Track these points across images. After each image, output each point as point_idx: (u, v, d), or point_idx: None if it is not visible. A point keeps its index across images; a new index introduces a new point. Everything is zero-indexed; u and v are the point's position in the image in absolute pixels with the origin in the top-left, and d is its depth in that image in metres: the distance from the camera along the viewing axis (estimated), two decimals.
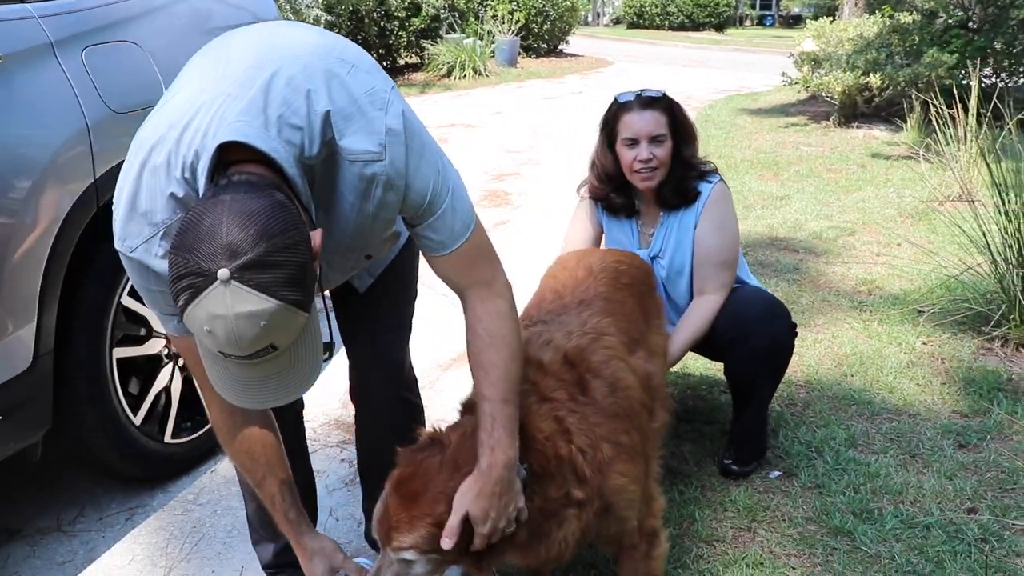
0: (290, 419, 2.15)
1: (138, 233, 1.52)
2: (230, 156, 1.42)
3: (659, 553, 2.08)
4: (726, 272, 2.80)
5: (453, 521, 1.64)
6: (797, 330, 2.87)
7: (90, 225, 2.52)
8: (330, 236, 1.62)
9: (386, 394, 2.14)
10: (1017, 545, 2.49)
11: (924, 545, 2.49)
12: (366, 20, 15.69)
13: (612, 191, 2.84)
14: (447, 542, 1.64)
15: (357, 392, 2.24)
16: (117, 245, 1.57)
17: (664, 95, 2.78)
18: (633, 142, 2.71)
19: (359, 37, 15.91)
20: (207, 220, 1.30)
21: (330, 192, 1.58)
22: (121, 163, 2.52)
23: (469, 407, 1.89)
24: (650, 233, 2.87)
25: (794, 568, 2.42)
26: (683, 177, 2.78)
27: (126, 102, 2.63)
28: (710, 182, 2.80)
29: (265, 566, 2.26)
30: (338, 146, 1.51)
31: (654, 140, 2.70)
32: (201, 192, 1.43)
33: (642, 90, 2.79)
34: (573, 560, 2.27)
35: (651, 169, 2.71)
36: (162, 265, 1.49)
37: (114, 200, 1.56)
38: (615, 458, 1.88)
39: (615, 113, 2.78)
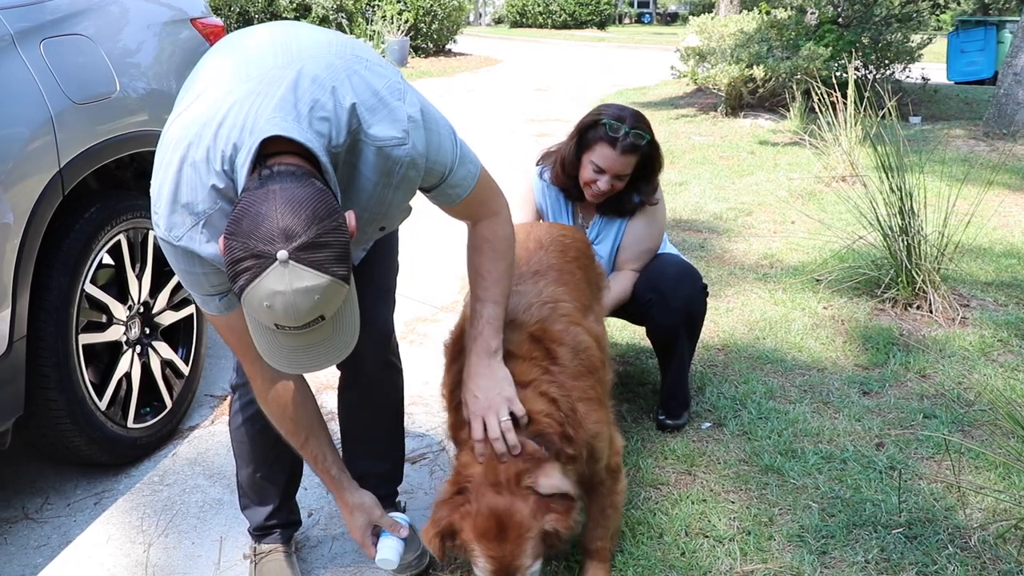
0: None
1: (182, 223, 1.66)
2: (268, 148, 1.58)
3: (621, 488, 2.33)
4: (646, 256, 3.10)
5: (476, 434, 1.95)
6: (709, 293, 3.18)
7: (55, 213, 2.57)
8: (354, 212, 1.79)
9: (375, 357, 2.30)
10: (919, 470, 2.84)
11: (843, 475, 2.80)
12: (255, 21, 15.50)
13: (573, 185, 3.03)
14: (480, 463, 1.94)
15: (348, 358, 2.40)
16: (162, 235, 1.70)
17: (648, 141, 2.88)
18: (600, 170, 2.88)
19: None
20: (261, 208, 1.46)
21: (351, 175, 1.75)
22: (83, 152, 2.63)
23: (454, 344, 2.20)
24: (587, 225, 3.11)
25: (733, 502, 2.69)
26: (625, 202, 3.01)
27: (85, 93, 2.70)
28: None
29: (255, 528, 2.38)
30: (366, 134, 1.69)
31: (618, 177, 2.90)
32: (241, 183, 1.58)
33: (631, 128, 2.83)
34: None
35: (603, 195, 2.94)
36: (208, 250, 1.65)
37: (153, 194, 1.69)
38: (588, 411, 2.13)
39: (599, 136, 2.85)
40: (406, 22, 17.85)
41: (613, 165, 2.86)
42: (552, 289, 2.36)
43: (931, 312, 4.07)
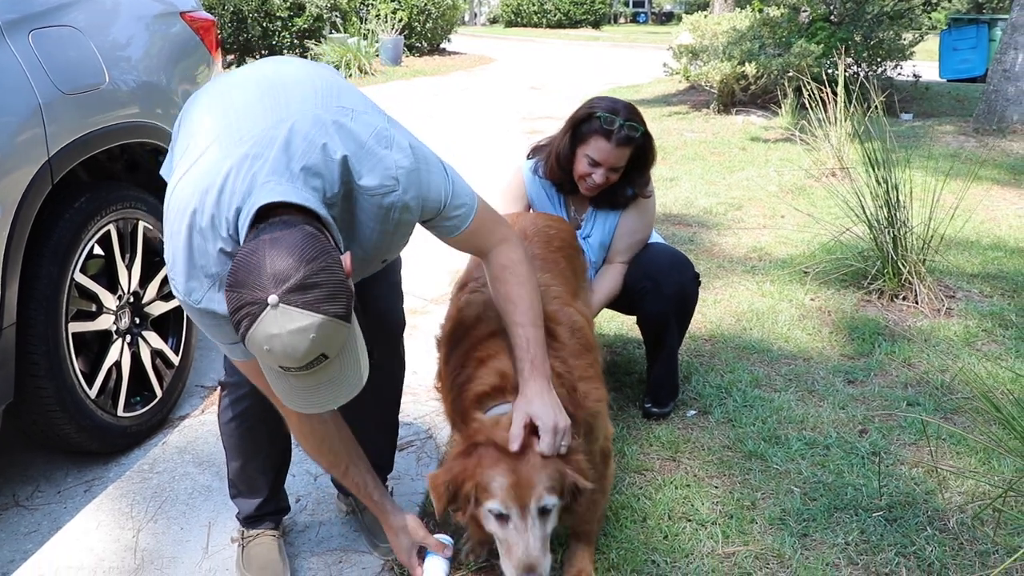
0: None
1: (199, 287, 1.75)
2: (267, 209, 1.65)
3: (610, 472, 2.39)
4: (635, 249, 3.14)
5: (515, 429, 1.94)
6: (700, 281, 3.22)
7: (44, 203, 2.59)
8: (354, 256, 1.83)
9: (389, 346, 2.39)
10: (901, 456, 2.87)
11: (825, 461, 2.84)
12: (249, 20, 15.53)
13: (567, 179, 3.05)
14: (514, 444, 1.91)
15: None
16: (183, 299, 1.78)
17: (642, 133, 2.91)
18: (595, 163, 2.91)
19: (242, 38, 15.74)
20: (252, 258, 1.54)
21: (351, 222, 1.82)
22: (72, 142, 2.66)
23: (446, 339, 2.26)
24: (580, 218, 3.14)
25: (716, 487, 2.72)
26: (619, 195, 3.04)
27: (74, 84, 2.72)
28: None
29: (246, 517, 2.41)
30: (357, 185, 1.75)
31: (612, 169, 2.93)
32: (243, 240, 1.65)
33: (625, 120, 2.87)
34: None
35: (597, 188, 2.97)
36: (223, 307, 1.70)
37: (167, 262, 1.77)
38: (589, 389, 2.19)
39: (593, 129, 2.88)
40: (400, 21, 17.86)
41: (608, 158, 2.88)
42: (540, 275, 2.39)
43: (916, 303, 4.11)
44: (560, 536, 2.43)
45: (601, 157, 2.89)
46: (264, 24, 15.74)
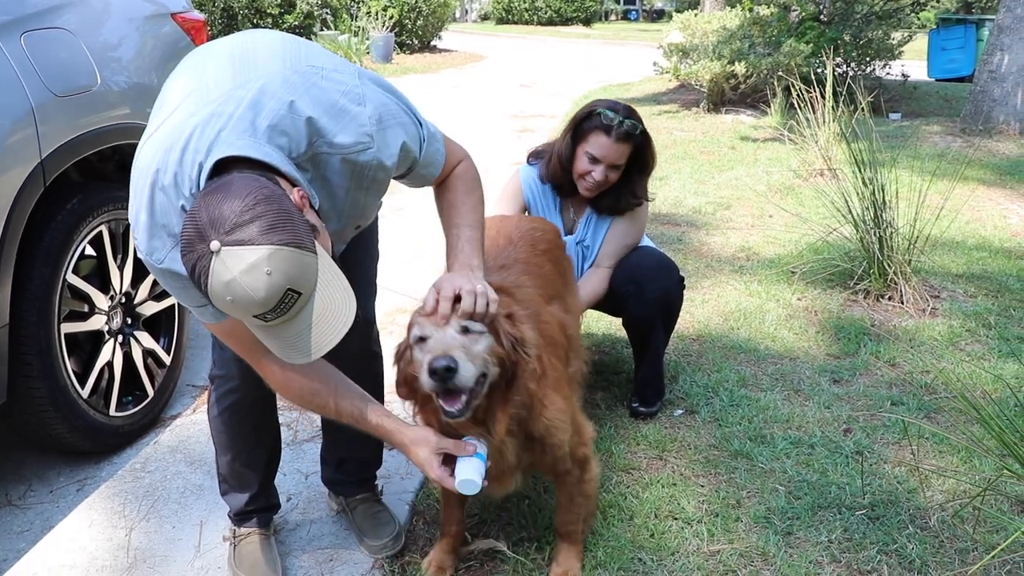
0: (262, 383, 2.33)
1: (161, 246, 1.74)
2: (226, 164, 1.64)
3: (590, 477, 2.36)
4: (625, 252, 3.17)
5: (428, 298, 1.90)
6: (685, 285, 3.26)
7: (36, 205, 2.61)
8: (330, 219, 1.84)
9: (359, 346, 2.35)
10: (885, 455, 2.92)
11: (810, 460, 2.88)
12: (239, 16, 15.50)
13: (568, 180, 3.08)
14: (428, 307, 1.88)
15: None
16: (145, 259, 1.77)
17: (641, 131, 2.97)
18: (595, 160, 2.95)
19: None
20: (193, 216, 1.52)
21: (322, 186, 1.81)
22: (64, 144, 2.68)
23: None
24: (577, 221, 3.18)
25: (703, 485, 2.76)
26: (622, 199, 3.07)
27: (66, 86, 2.74)
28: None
29: (236, 513, 2.43)
30: (330, 144, 1.75)
31: (613, 167, 2.96)
32: None
33: (624, 117, 2.92)
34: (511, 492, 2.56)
35: (598, 186, 3.00)
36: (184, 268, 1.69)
37: (131, 220, 1.76)
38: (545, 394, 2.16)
39: (593, 126, 2.93)
40: (391, 18, 17.84)
41: (608, 153, 2.92)
42: (515, 277, 2.41)
43: (902, 303, 4.16)
44: (548, 535, 2.47)
45: (601, 153, 2.93)
46: (254, 21, 15.68)
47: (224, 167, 1.64)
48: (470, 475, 1.90)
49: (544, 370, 2.15)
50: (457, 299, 1.87)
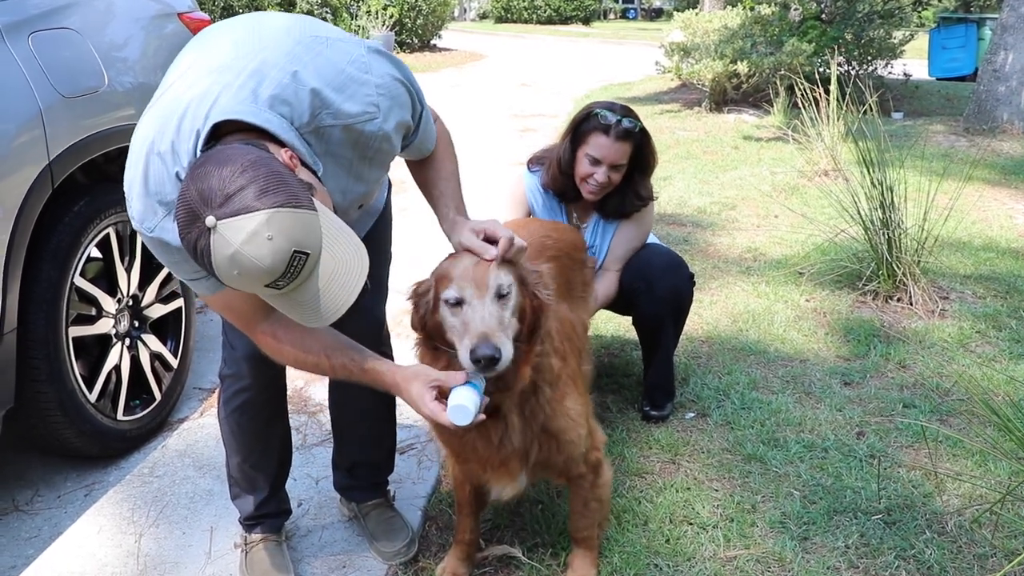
0: (272, 382, 2.31)
1: (153, 215, 1.69)
2: (223, 132, 1.60)
3: (603, 481, 2.34)
4: (629, 256, 3.14)
5: (475, 241, 1.94)
6: (695, 282, 3.24)
7: (44, 207, 2.58)
8: (331, 194, 1.80)
9: (367, 347, 2.31)
10: (899, 458, 2.89)
11: (824, 463, 2.86)
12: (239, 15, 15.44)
13: (571, 186, 3.05)
14: (485, 253, 1.91)
15: None
16: (136, 227, 1.73)
17: (640, 129, 2.95)
18: (596, 162, 2.92)
19: None
20: (182, 197, 1.48)
21: (327, 161, 1.77)
22: (72, 145, 2.65)
23: None
24: (583, 227, 3.15)
25: (716, 490, 2.74)
26: (627, 200, 3.04)
27: (73, 87, 2.72)
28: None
29: (246, 518, 2.40)
30: (336, 114, 1.71)
31: (614, 167, 2.94)
32: None
33: (622, 116, 2.91)
34: (521, 498, 2.54)
35: (601, 188, 2.97)
36: (175, 238, 1.64)
37: (125, 188, 1.72)
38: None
39: (591, 127, 2.92)
40: (391, 17, 17.82)
41: (608, 154, 2.90)
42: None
43: (911, 304, 4.14)
44: (562, 541, 2.44)
45: (602, 154, 2.90)
46: None
47: (220, 136, 1.60)
48: (461, 401, 1.77)
49: (565, 358, 2.14)
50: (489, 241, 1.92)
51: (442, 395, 1.83)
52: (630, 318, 3.29)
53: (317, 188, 1.62)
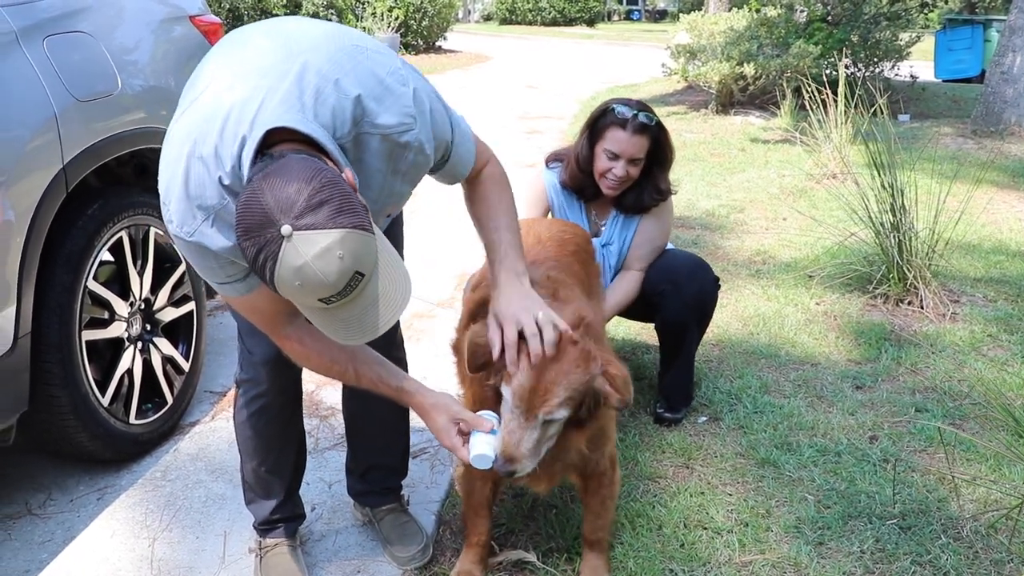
0: (289, 387, 2.30)
1: (193, 219, 1.67)
2: (272, 139, 1.59)
3: (618, 477, 2.38)
4: (654, 255, 3.15)
5: (491, 334, 1.95)
6: (720, 285, 3.24)
7: (58, 210, 2.58)
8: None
9: (384, 353, 2.31)
10: (912, 463, 2.88)
11: (838, 468, 2.85)
12: (245, 18, 15.46)
13: (589, 183, 3.07)
14: (494, 349, 1.92)
15: None
16: (174, 231, 1.71)
17: (656, 123, 2.98)
18: (614, 156, 2.94)
19: None
20: (253, 199, 1.47)
21: (359, 169, 1.76)
22: (86, 149, 2.65)
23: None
24: (601, 223, 3.15)
25: (730, 494, 2.73)
26: (646, 194, 3.04)
27: (88, 91, 2.72)
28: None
29: (260, 523, 2.39)
30: (373, 124, 1.70)
31: (632, 161, 2.95)
32: (246, 175, 1.59)
33: (638, 111, 2.94)
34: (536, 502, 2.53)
35: (620, 183, 2.97)
36: (219, 243, 1.67)
37: (161, 191, 1.70)
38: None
39: (608, 122, 2.94)
40: (396, 19, 17.84)
41: (626, 148, 2.91)
42: (554, 274, 2.38)
43: (922, 308, 4.13)
44: (574, 545, 2.44)
45: (619, 148, 2.92)
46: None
47: (270, 142, 1.59)
48: (484, 450, 1.89)
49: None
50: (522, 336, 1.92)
51: (464, 431, 1.94)
52: (651, 322, 3.29)
53: (369, 212, 1.62)
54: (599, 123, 2.98)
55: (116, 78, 2.88)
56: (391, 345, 2.41)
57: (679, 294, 3.02)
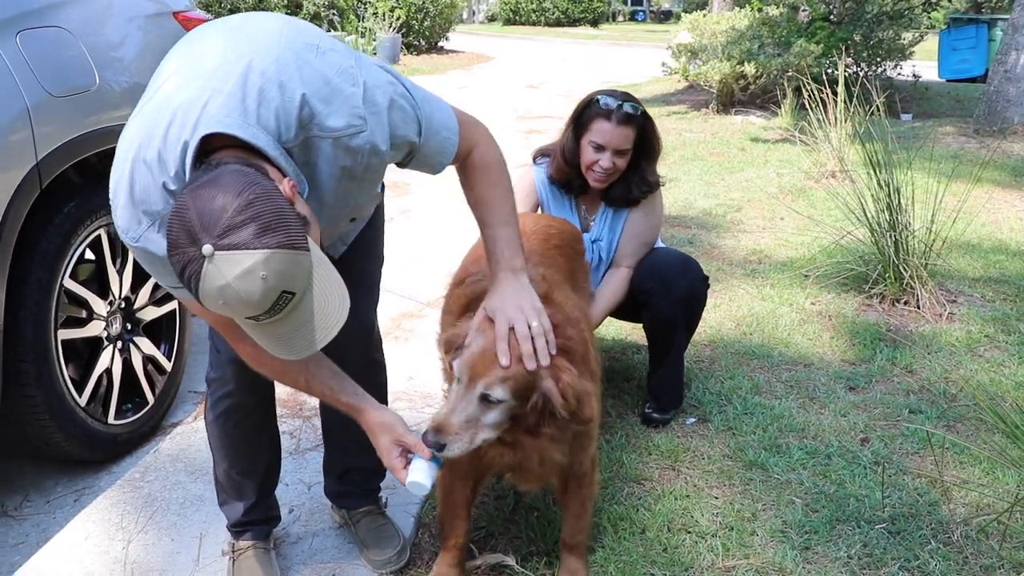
0: (260, 387, 2.26)
1: (138, 224, 1.64)
2: (212, 145, 1.56)
3: (598, 479, 2.36)
4: (644, 251, 3.09)
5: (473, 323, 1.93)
6: (709, 283, 3.19)
7: (33, 207, 2.54)
8: (319, 210, 1.75)
9: (358, 355, 2.26)
10: (904, 465, 2.83)
11: (827, 470, 2.80)
12: None
13: (576, 176, 3.02)
14: (503, 360, 1.87)
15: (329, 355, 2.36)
16: (122, 236, 1.68)
17: (642, 113, 2.92)
18: (600, 148, 2.89)
19: None
20: (181, 213, 1.44)
21: (311, 173, 1.72)
22: (62, 145, 2.61)
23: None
24: (591, 219, 3.10)
25: (716, 498, 2.68)
26: (633, 186, 2.99)
27: (62, 86, 2.67)
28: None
29: (233, 524, 2.35)
30: (321, 127, 1.65)
31: (619, 152, 2.90)
32: (187, 177, 1.55)
33: (623, 101, 2.90)
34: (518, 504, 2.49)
35: (607, 175, 2.93)
36: (163, 249, 1.59)
37: (111, 194, 1.67)
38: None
39: (593, 114, 2.90)
40: (398, 19, 17.79)
41: (612, 139, 2.86)
42: (548, 273, 2.34)
43: (918, 308, 4.07)
44: (554, 549, 2.39)
45: (605, 139, 2.87)
46: None
47: (210, 147, 1.55)
48: (421, 479, 1.88)
49: (586, 352, 2.11)
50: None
51: (405, 453, 1.93)
52: (638, 322, 3.24)
53: (311, 223, 1.58)
54: (584, 115, 2.93)
55: (94, 73, 2.84)
56: (368, 346, 2.37)
57: (668, 292, 2.97)
